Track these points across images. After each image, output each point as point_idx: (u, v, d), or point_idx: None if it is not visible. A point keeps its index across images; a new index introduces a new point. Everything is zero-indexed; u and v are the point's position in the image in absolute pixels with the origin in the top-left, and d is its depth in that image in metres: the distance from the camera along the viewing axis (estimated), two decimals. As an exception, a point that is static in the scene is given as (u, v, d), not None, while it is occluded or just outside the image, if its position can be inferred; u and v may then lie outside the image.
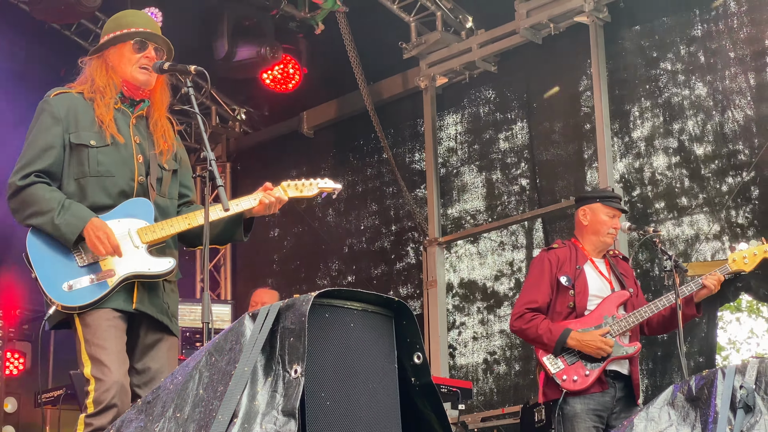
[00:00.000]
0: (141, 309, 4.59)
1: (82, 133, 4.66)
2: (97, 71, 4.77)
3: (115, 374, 4.40)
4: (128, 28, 4.80)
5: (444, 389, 7.94)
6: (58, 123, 4.65)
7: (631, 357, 6.26)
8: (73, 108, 4.69)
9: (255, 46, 9.98)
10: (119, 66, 4.76)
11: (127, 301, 4.56)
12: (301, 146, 11.41)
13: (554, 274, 6.33)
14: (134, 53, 4.77)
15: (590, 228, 6.44)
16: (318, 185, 5.11)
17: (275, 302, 3.51)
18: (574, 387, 6.12)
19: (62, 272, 4.52)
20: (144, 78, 4.78)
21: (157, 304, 4.66)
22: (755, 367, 4.36)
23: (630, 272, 6.58)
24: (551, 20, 9.41)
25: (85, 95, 4.74)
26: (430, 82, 10.27)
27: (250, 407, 3.30)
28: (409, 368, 3.76)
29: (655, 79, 9.05)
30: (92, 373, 4.41)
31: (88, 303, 4.49)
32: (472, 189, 10.07)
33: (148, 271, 4.61)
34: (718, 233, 8.54)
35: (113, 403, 4.35)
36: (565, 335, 6.14)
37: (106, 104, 4.70)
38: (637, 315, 6.23)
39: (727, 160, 8.55)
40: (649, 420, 4.50)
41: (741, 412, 4.26)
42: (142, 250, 4.62)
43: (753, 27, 8.58)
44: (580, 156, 9.43)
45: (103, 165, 4.64)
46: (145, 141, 4.78)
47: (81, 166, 4.63)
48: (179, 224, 4.69)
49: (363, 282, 10.46)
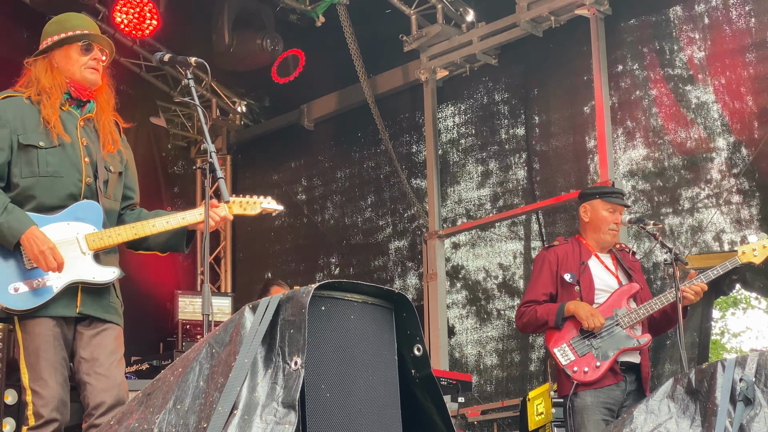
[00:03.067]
0: (85, 312, 4.62)
1: (30, 134, 4.68)
2: (43, 72, 4.81)
3: (53, 389, 4.46)
4: (73, 31, 4.87)
5: (444, 382, 7.94)
6: (5, 125, 4.67)
7: (643, 347, 6.27)
8: (20, 110, 4.73)
9: (256, 38, 9.97)
10: (66, 67, 4.82)
11: (69, 307, 4.59)
12: (301, 138, 11.40)
13: (555, 272, 6.35)
14: (81, 55, 4.83)
15: (591, 224, 6.45)
16: (261, 205, 5.13)
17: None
18: (586, 378, 6.12)
19: (8, 274, 4.53)
20: (93, 78, 4.84)
21: (104, 305, 4.69)
22: (755, 359, 4.36)
23: (637, 266, 6.58)
24: (552, 13, 9.40)
25: (32, 98, 4.77)
26: (430, 74, 10.26)
27: (251, 399, 3.30)
28: (410, 360, 3.76)
29: (655, 72, 9.04)
30: (30, 385, 4.48)
31: (31, 308, 4.51)
32: (472, 181, 10.07)
33: (92, 279, 4.64)
34: (720, 225, 8.54)
35: (53, 417, 4.43)
36: (563, 305, 6.20)
37: (52, 105, 4.74)
38: (647, 307, 6.24)
39: (729, 151, 8.54)
40: (649, 413, 4.50)
41: (741, 405, 4.27)
42: (89, 257, 4.63)
43: (755, 18, 8.57)
44: (581, 149, 9.43)
45: (52, 166, 4.67)
46: (93, 143, 4.80)
47: (30, 166, 4.65)
48: (126, 233, 4.73)
49: (363, 274, 10.46)
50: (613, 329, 6.21)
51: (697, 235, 8.61)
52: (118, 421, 3.56)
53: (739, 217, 8.45)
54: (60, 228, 4.60)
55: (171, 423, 3.36)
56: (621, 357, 6.22)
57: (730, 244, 8.42)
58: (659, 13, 9.10)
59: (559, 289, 6.35)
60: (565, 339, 6.24)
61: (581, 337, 6.21)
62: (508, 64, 10.03)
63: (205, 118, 4.69)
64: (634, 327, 6.26)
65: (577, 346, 6.19)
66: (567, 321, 6.26)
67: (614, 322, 6.22)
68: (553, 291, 6.37)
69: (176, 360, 3.61)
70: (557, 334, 6.27)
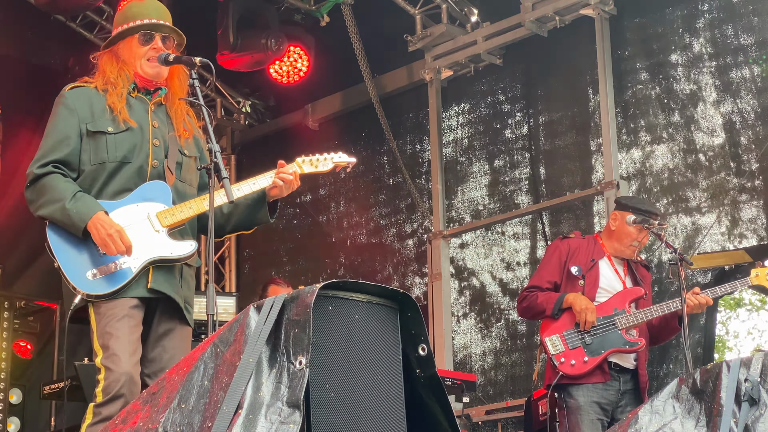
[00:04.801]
0: (156, 288, 4.56)
1: (98, 121, 4.68)
2: (108, 65, 4.79)
3: (125, 364, 4.39)
4: (134, 21, 4.81)
5: (448, 382, 7.94)
6: (73, 114, 4.68)
7: (634, 351, 6.27)
8: (88, 99, 4.72)
9: (260, 38, 9.97)
10: (129, 59, 4.79)
11: (142, 286, 4.56)
12: (306, 138, 11.39)
13: (563, 262, 6.37)
14: (141, 46, 4.78)
15: (616, 234, 6.46)
16: (333, 160, 5.09)
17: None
18: (571, 371, 6.14)
19: (85, 260, 4.52)
20: (153, 71, 4.79)
21: (174, 285, 4.65)
22: (760, 360, 4.36)
23: (648, 278, 6.59)
24: (557, 13, 9.40)
25: (99, 88, 4.76)
26: (435, 74, 10.26)
27: (255, 398, 3.30)
28: (414, 360, 3.76)
29: (660, 72, 9.04)
30: (102, 363, 4.42)
31: (112, 290, 4.48)
32: (477, 182, 10.06)
33: (171, 254, 4.60)
34: (723, 225, 8.53)
35: (121, 393, 4.34)
36: (563, 295, 6.22)
37: (118, 94, 4.71)
38: (646, 312, 6.25)
39: (733, 151, 8.54)
40: (654, 413, 4.50)
41: (746, 405, 4.26)
42: (163, 234, 4.61)
43: (758, 17, 8.56)
44: (586, 148, 9.42)
45: (121, 150, 4.66)
46: (164, 126, 4.78)
47: (99, 152, 4.65)
48: (198, 205, 4.67)
49: (367, 274, 10.46)
50: (609, 328, 6.22)
51: (701, 234, 8.60)
52: (123, 420, 3.57)
53: (743, 217, 8.44)
54: (130, 210, 4.59)
55: (176, 422, 3.36)
56: (613, 358, 6.22)
57: (734, 244, 8.42)
58: (663, 12, 9.10)
59: (564, 280, 6.37)
60: (559, 330, 6.27)
61: (575, 330, 6.23)
62: (512, 63, 10.02)
63: (210, 119, 4.71)
64: (629, 330, 6.26)
65: (569, 339, 6.21)
66: (564, 312, 6.28)
67: (611, 321, 6.23)
68: (558, 280, 6.39)
69: (181, 359, 3.62)
70: (553, 324, 6.31)
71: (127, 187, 4.64)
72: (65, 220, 4.51)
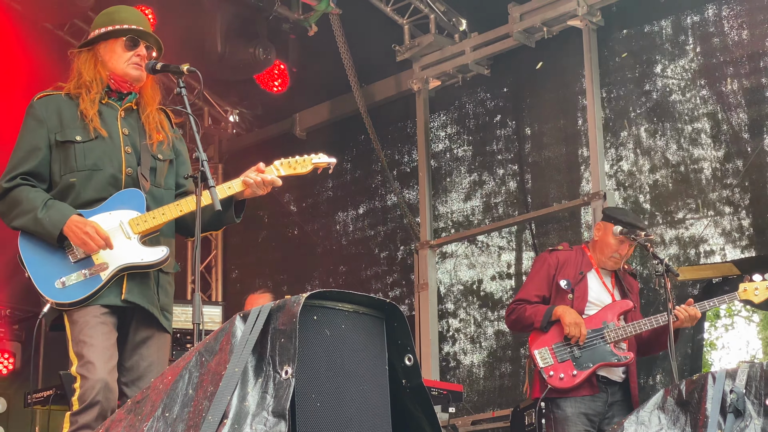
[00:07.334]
0: (130, 299, 4.56)
1: (67, 130, 4.68)
2: (85, 65, 4.78)
3: (100, 371, 4.38)
4: (120, 24, 4.81)
5: (434, 392, 7.93)
6: (42, 125, 4.68)
7: (623, 365, 6.26)
8: (57, 108, 4.72)
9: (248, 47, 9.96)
10: (110, 61, 4.79)
11: (116, 295, 4.55)
12: (293, 148, 11.32)
13: (552, 276, 6.36)
14: (125, 50, 4.79)
15: (599, 244, 6.46)
16: (312, 161, 5.07)
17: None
18: (560, 385, 6.13)
19: (55, 270, 4.52)
20: (136, 74, 4.80)
21: (148, 295, 4.64)
22: (745, 371, 4.37)
23: (635, 287, 6.59)
24: (544, 24, 9.42)
25: (72, 92, 4.75)
26: (422, 84, 10.27)
27: (241, 408, 3.29)
28: (400, 370, 3.76)
29: (647, 83, 9.06)
30: (78, 371, 4.41)
31: (81, 298, 4.48)
32: (464, 192, 10.07)
33: (141, 261, 4.60)
34: (711, 237, 8.54)
35: (96, 400, 4.34)
36: (552, 308, 6.21)
37: (91, 99, 4.71)
38: (636, 326, 6.24)
39: (721, 163, 8.56)
40: (639, 424, 4.50)
41: (731, 417, 4.27)
42: (135, 241, 4.61)
43: (747, 30, 8.59)
44: (573, 159, 9.44)
45: (90, 159, 4.65)
46: (135, 132, 4.77)
47: (69, 162, 4.65)
48: (171, 212, 4.68)
49: (354, 284, 10.45)
50: (598, 342, 6.22)
51: (688, 246, 8.62)
52: (107, 429, 3.55)
53: (730, 229, 8.46)
54: (103, 218, 4.59)
55: (159, 431, 3.34)
56: (601, 371, 6.22)
57: (721, 256, 8.43)
58: (651, 24, 9.13)
59: (553, 293, 6.36)
60: (547, 343, 6.26)
61: (564, 343, 6.22)
62: (500, 74, 10.04)
63: (197, 127, 4.70)
64: (618, 343, 6.26)
65: (558, 352, 6.21)
66: (553, 325, 6.27)
67: (600, 334, 6.23)
68: (546, 294, 6.38)
69: (166, 369, 3.60)
70: (541, 336, 6.29)
71: (101, 196, 4.64)
72: (38, 229, 4.53)
